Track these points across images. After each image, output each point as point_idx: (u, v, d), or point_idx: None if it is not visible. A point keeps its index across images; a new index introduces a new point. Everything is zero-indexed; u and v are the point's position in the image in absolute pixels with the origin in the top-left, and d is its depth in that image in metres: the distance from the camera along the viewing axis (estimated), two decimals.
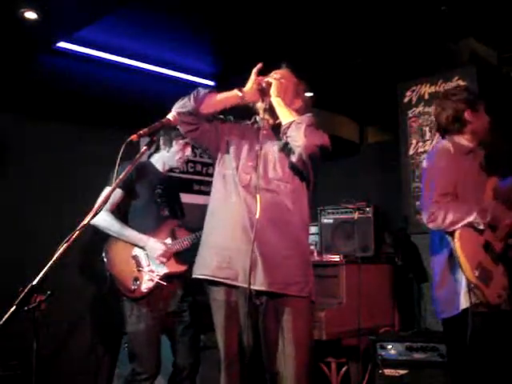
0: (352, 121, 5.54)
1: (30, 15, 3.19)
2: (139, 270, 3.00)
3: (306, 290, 2.21)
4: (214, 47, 4.08)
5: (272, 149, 2.30)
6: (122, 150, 1.87)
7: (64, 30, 3.50)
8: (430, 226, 2.48)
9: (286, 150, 2.25)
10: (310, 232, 3.99)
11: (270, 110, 2.28)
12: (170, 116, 2.14)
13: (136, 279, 2.97)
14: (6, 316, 1.45)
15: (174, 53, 4.13)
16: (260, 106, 2.33)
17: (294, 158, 2.19)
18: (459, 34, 3.88)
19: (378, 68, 4.30)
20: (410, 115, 4.37)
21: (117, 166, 1.87)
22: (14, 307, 1.47)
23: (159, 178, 3.20)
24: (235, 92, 2.27)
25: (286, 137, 2.18)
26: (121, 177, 1.87)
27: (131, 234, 3.03)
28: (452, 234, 2.43)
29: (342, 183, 5.10)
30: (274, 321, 2.17)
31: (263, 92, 2.27)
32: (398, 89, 4.46)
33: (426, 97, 4.28)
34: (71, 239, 1.63)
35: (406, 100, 4.41)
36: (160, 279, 3.00)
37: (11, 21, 3.24)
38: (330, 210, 4.12)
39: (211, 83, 4.64)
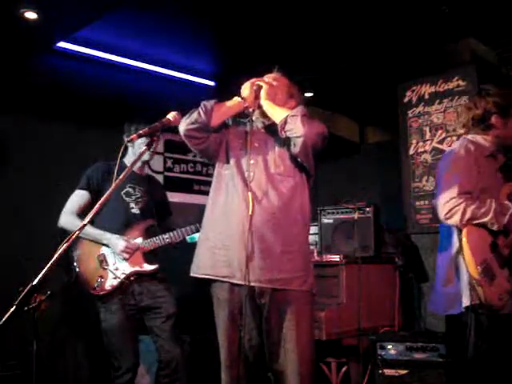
0: (352, 121, 5.54)
1: (30, 15, 3.19)
2: (104, 269, 3.06)
3: (308, 284, 2.22)
4: (214, 47, 4.08)
5: (271, 144, 2.32)
6: (121, 149, 1.88)
7: (64, 29, 3.50)
8: (447, 222, 2.46)
9: (286, 144, 2.27)
10: (310, 232, 4.00)
11: (265, 113, 2.31)
12: (169, 116, 2.13)
13: (101, 277, 3.04)
14: (6, 316, 1.45)
15: (174, 53, 4.13)
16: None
17: (296, 150, 2.20)
18: (459, 34, 3.88)
19: (378, 68, 4.30)
20: (410, 115, 4.37)
21: (117, 166, 1.88)
22: (14, 307, 1.47)
23: (131, 177, 3.17)
24: (237, 99, 2.29)
25: (285, 132, 2.19)
26: (121, 177, 1.86)
27: (94, 231, 3.08)
28: (460, 230, 2.43)
29: (342, 183, 5.10)
30: (277, 319, 2.17)
31: (256, 95, 2.28)
32: (398, 89, 4.46)
33: (426, 97, 4.28)
34: (71, 239, 1.63)
35: (406, 100, 4.40)
36: (126, 277, 3.05)
37: (11, 21, 3.24)
38: (329, 210, 4.12)
39: (211, 83, 4.64)
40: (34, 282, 1.51)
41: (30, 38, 3.47)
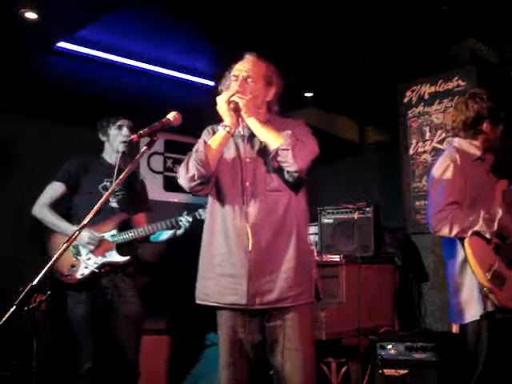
0: (352, 121, 5.54)
1: (30, 15, 3.19)
2: (77, 258, 3.11)
3: (311, 295, 2.22)
4: (214, 47, 4.08)
5: (260, 160, 2.23)
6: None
7: (64, 29, 3.50)
8: (438, 234, 2.49)
9: (278, 170, 2.18)
10: (310, 232, 4.01)
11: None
12: (169, 116, 2.12)
13: (73, 266, 3.10)
14: (6, 316, 1.45)
15: (174, 53, 4.12)
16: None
17: (290, 179, 2.16)
18: (459, 34, 3.88)
19: (378, 68, 4.29)
20: (410, 115, 4.37)
21: (116, 166, 1.87)
22: (14, 307, 1.47)
23: (108, 172, 3.15)
24: (224, 132, 2.17)
25: (277, 162, 2.13)
26: (121, 177, 1.86)
27: (63, 225, 3.13)
28: (462, 240, 2.43)
29: (342, 183, 5.10)
30: (279, 318, 2.17)
31: (236, 111, 2.16)
32: (398, 89, 4.46)
33: (426, 97, 4.28)
34: (71, 239, 1.63)
35: (406, 100, 4.40)
36: (98, 268, 3.08)
37: (11, 21, 3.24)
38: (329, 210, 4.12)
39: (211, 83, 4.64)
40: (34, 282, 1.51)
41: (30, 38, 3.47)
